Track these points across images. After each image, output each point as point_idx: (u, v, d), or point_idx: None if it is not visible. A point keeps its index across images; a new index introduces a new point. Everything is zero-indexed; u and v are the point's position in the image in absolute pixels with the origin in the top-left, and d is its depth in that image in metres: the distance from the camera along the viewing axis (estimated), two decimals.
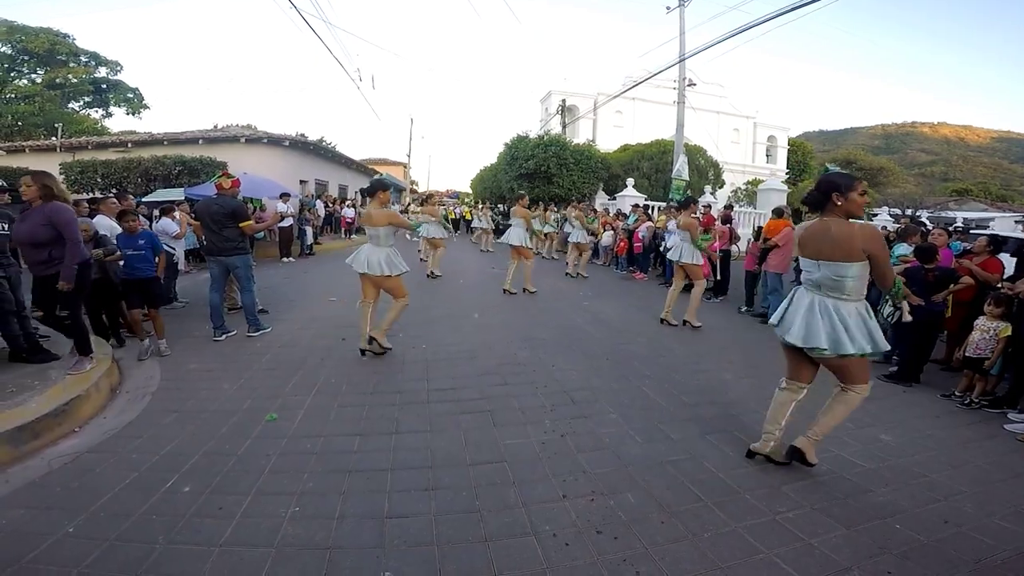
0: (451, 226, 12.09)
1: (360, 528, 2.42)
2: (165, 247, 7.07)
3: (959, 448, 3.48)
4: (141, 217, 8.44)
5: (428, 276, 9.74)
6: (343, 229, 18.27)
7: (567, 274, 10.67)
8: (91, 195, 12.47)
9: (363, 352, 4.89)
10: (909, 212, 21.61)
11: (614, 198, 18.43)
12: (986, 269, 5.13)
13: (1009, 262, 6.86)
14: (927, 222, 11.51)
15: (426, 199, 13.16)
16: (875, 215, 21.16)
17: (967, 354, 4.44)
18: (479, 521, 2.47)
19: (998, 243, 5.47)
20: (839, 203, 2.73)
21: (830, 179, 2.79)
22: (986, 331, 4.34)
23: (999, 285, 5.00)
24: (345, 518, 2.49)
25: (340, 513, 2.52)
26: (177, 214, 7.50)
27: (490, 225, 16.89)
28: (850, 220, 2.75)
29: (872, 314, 2.81)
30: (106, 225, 5.56)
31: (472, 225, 18.90)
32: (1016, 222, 13.79)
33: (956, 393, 4.49)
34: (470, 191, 37.09)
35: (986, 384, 4.39)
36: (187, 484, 2.76)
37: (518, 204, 8.92)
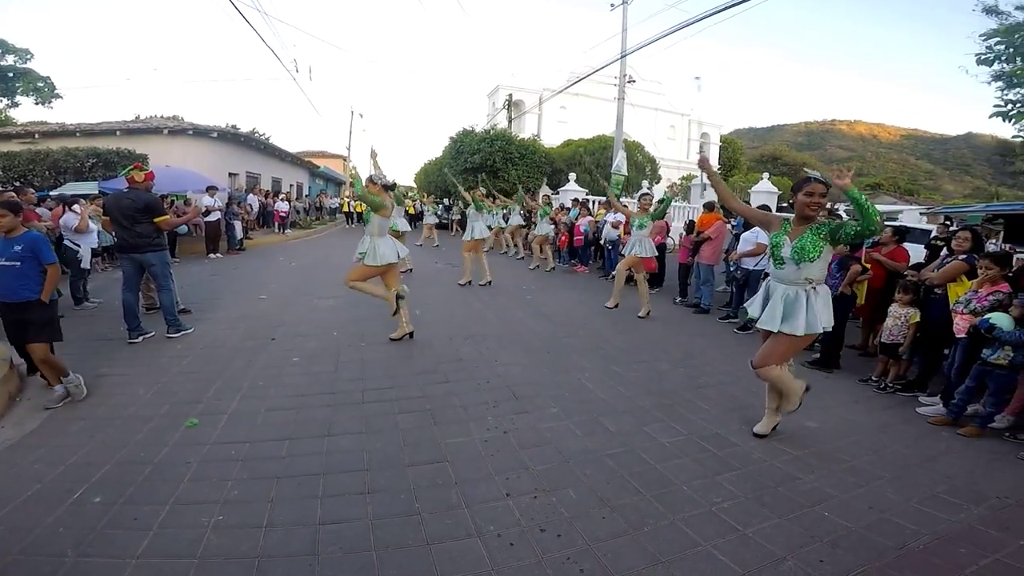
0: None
1: (291, 536, 2.29)
2: (68, 243, 6.51)
3: (878, 432, 3.69)
4: (46, 212, 7.77)
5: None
6: (276, 224, 17.49)
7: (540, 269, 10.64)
8: None
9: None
10: (829, 206, 23.01)
11: (557, 192, 18.59)
12: (894, 259, 5.48)
13: (917, 251, 7.40)
14: (844, 215, 12.26)
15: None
16: None
17: (882, 340, 4.73)
18: (420, 524, 2.39)
19: (903, 233, 5.88)
20: (792, 202, 3.20)
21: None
22: (898, 318, 4.62)
23: (905, 273, 5.36)
24: (274, 526, 2.35)
25: (268, 521, 2.38)
26: (77, 207, 6.87)
27: (434, 219, 16.53)
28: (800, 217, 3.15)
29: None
30: None
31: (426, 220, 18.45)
32: (921, 214, 14.91)
33: (873, 378, 4.77)
34: (414, 185, 36.43)
35: (899, 369, 4.69)
36: (97, 495, 2.55)
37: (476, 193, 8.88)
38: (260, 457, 2.96)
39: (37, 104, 32.25)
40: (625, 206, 7.99)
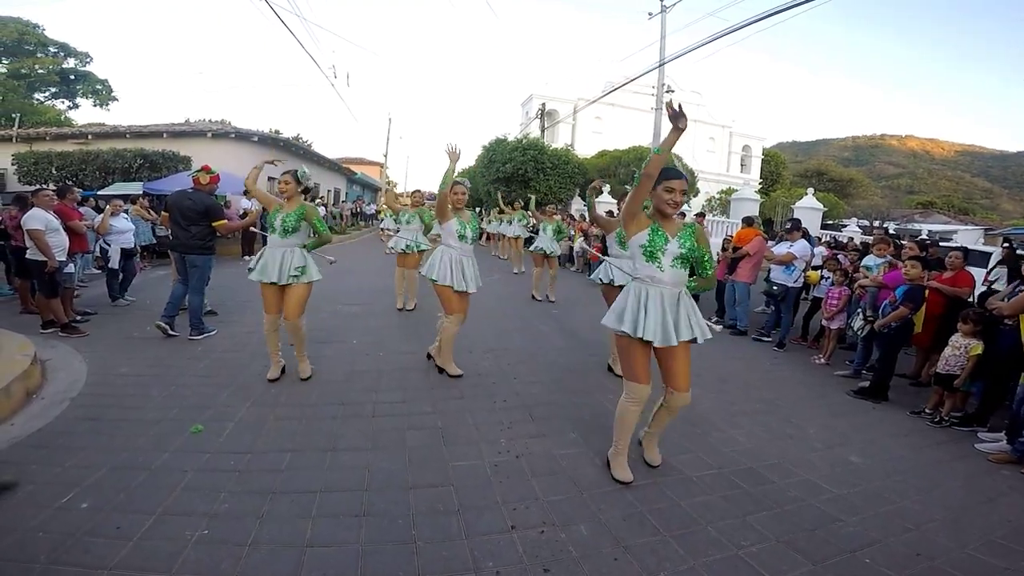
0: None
1: (274, 557, 2.15)
2: (102, 243, 6.71)
3: (930, 469, 3.34)
4: (90, 211, 8.02)
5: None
6: None
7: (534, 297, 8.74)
8: (39, 187, 11.90)
9: None
10: (877, 223, 22.00)
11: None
12: (956, 284, 5.03)
13: (977, 275, 6.85)
14: (895, 234, 11.61)
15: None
16: (844, 225, 21.48)
17: (938, 370, 4.33)
18: (413, 554, 2.21)
19: (965, 254, 5.42)
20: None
21: None
22: (958, 348, 4.22)
23: (969, 299, 4.91)
24: (259, 544, 2.22)
25: (254, 539, 2.25)
26: (108, 207, 7.04)
27: None
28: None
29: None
30: (41, 218, 5.17)
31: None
32: (986, 234, 14.00)
33: (926, 410, 4.36)
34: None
35: (956, 401, 4.28)
36: (86, 500, 2.47)
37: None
38: (258, 469, 2.83)
39: (96, 106, 34.24)
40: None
